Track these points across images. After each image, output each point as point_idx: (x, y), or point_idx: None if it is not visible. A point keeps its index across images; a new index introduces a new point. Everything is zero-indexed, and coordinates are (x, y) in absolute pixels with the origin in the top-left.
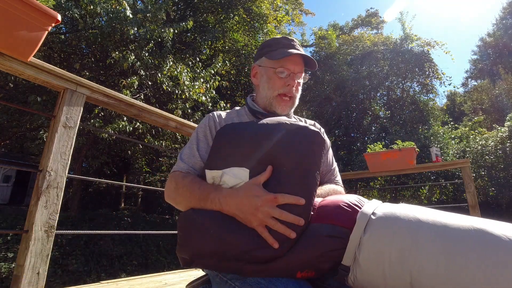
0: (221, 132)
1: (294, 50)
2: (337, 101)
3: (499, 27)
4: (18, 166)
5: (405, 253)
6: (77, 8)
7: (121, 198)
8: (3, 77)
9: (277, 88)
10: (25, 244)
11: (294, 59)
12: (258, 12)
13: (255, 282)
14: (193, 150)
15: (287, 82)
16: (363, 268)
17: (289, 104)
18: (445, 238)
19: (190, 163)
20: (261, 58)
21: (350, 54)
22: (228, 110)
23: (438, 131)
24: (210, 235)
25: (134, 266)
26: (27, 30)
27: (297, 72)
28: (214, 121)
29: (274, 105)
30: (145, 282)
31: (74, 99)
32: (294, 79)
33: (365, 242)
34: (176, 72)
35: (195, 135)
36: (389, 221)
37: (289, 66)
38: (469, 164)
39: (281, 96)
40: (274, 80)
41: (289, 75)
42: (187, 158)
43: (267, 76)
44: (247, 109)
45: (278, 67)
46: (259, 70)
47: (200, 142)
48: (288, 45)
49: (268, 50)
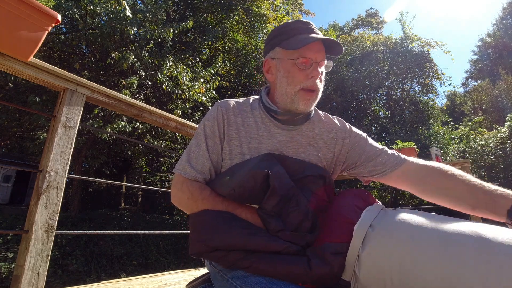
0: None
1: (314, 35)
2: (337, 101)
3: (499, 27)
4: (18, 166)
5: (405, 268)
6: (77, 8)
7: (121, 198)
8: (3, 77)
9: (299, 82)
10: (25, 244)
11: (315, 46)
12: (258, 12)
13: (256, 282)
14: (202, 150)
15: (310, 74)
16: (364, 283)
17: (313, 97)
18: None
19: (197, 166)
20: (274, 49)
21: (350, 54)
22: (240, 100)
23: (438, 131)
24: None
25: (134, 266)
26: (27, 30)
27: (320, 60)
28: (223, 115)
29: (297, 101)
30: (145, 282)
31: (74, 99)
32: (317, 69)
33: (364, 258)
34: (176, 72)
35: (202, 129)
36: (387, 235)
37: (311, 55)
38: (469, 164)
39: (304, 90)
40: (294, 73)
41: (311, 65)
42: (194, 160)
43: (285, 69)
44: (261, 104)
45: (298, 58)
46: (274, 64)
47: (208, 139)
48: (306, 29)
49: (282, 39)
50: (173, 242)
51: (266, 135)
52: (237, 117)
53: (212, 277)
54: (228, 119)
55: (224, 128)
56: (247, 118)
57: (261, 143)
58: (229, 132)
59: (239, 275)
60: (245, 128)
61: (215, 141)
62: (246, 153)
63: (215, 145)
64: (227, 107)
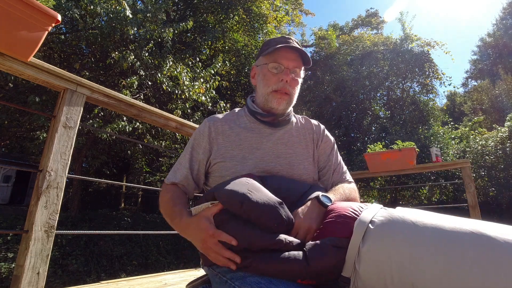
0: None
1: (288, 45)
2: (337, 101)
3: (499, 27)
4: (18, 166)
5: (405, 264)
6: (77, 8)
7: (121, 198)
8: (3, 77)
9: (271, 84)
10: (25, 244)
11: (288, 55)
12: (258, 12)
13: (255, 282)
14: (185, 161)
15: (280, 77)
16: (364, 280)
17: (285, 99)
18: (444, 246)
19: (179, 174)
20: (258, 58)
21: (350, 54)
22: (227, 112)
23: (438, 131)
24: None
25: (134, 266)
26: (27, 30)
27: (291, 67)
28: (210, 129)
29: (270, 101)
30: (145, 282)
31: (74, 99)
32: (288, 74)
33: (364, 254)
34: (176, 72)
35: (191, 143)
36: (387, 231)
37: (282, 62)
38: (469, 164)
39: (276, 92)
40: (268, 76)
41: (283, 71)
42: (178, 168)
43: (263, 73)
44: (246, 110)
45: (270, 63)
46: (257, 70)
47: (193, 151)
48: (284, 41)
49: (264, 49)
50: (173, 242)
51: (255, 136)
52: (225, 126)
53: (211, 279)
54: (216, 129)
55: (211, 139)
56: (234, 125)
57: (252, 143)
58: (218, 140)
59: (237, 276)
60: (234, 133)
61: (199, 151)
62: (237, 154)
63: (197, 155)
64: (215, 120)
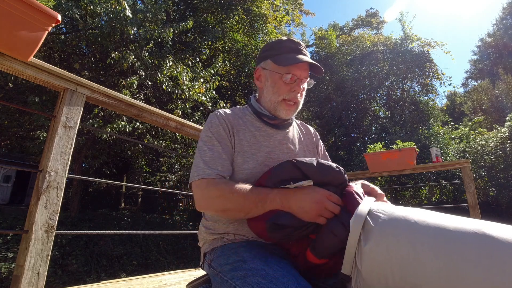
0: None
1: (302, 56)
2: (337, 101)
3: (499, 27)
4: (18, 166)
5: (408, 263)
6: (77, 8)
7: (121, 198)
8: (3, 77)
9: (282, 93)
10: (25, 244)
11: (301, 66)
12: (258, 12)
13: (255, 282)
14: (217, 152)
15: (292, 88)
16: (366, 278)
17: (293, 109)
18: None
19: (218, 166)
20: (265, 60)
21: (350, 54)
22: (231, 108)
23: (438, 131)
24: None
25: (134, 266)
26: (27, 30)
27: (303, 78)
28: (224, 120)
29: (279, 109)
30: (145, 282)
31: (74, 99)
32: (300, 85)
33: (367, 253)
34: (176, 72)
35: (210, 135)
36: (390, 230)
37: (296, 72)
38: (469, 164)
39: (286, 101)
40: (279, 85)
41: (295, 81)
42: (212, 162)
43: (273, 80)
44: (250, 110)
45: (285, 73)
46: (264, 73)
47: (220, 142)
48: (295, 49)
49: (273, 54)
50: (173, 242)
51: (263, 135)
52: (237, 120)
53: (212, 279)
54: (229, 122)
55: (230, 129)
56: (242, 121)
57: (260, 141)
58: (234, 133)
59: (238, 276)
60: (243, 129)
61: (226, 143)
62: (247, 150)
63: (227, 147)
64: (225, 113)
